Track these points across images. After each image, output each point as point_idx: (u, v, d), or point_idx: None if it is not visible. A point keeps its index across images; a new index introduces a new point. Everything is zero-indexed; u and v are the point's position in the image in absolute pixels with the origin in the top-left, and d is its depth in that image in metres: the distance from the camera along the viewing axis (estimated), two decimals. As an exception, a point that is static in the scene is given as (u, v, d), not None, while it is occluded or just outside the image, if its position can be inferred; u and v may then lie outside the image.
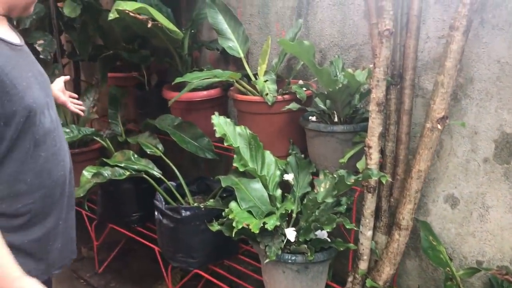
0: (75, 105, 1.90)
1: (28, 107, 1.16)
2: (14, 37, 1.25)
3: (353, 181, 1.57)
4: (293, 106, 1.91)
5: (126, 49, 2.63)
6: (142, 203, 2.50)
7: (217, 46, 2.53)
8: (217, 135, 1.81)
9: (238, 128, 1.87)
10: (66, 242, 1.39)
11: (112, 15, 2.20)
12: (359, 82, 1.72)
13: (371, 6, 1.68)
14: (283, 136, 2.11)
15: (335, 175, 1.69)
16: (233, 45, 2.21)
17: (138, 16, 2.10)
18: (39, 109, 1.21)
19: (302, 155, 2.04)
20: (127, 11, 2.08)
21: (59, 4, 2.80)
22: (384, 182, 1.64)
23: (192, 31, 2.46)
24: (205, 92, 2.36)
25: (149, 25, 2.12)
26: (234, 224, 1.60)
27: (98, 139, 2.45)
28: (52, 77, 2.92)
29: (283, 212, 1.70)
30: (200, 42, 2.60)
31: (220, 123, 1.84)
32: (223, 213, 1.73)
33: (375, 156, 1.65)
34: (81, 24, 2.84)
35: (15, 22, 2.74)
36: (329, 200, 1.69)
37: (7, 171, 1.19)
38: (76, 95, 1.95)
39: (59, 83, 1.84)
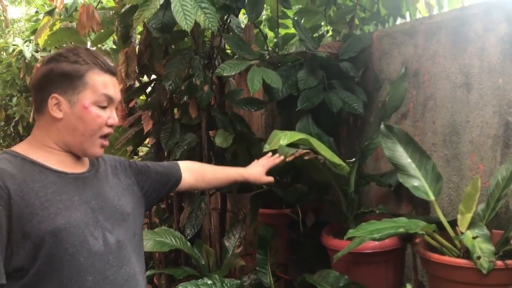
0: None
1: (57, 228, 1.17)
2: (71, 166, 1.28)
3: None
4: (531, 284, 1.27)
5: (280, 183, 2.28)
6: None
7: (389, 181, 2.06)
8: (415, 322, 1.24)
9: (443, 311, 1.29)
10: None
11: (268, 147, 1.91)
12: None
13: None
14: (502, 319, 1.45)
15: None
16: (419, 184, 1.70)
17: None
18: (76, 231, 1.20)
19: None
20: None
21: (210, 133, 2.64)
22: None
23: (360, 164, 2.03)
24: (377, 243, 1.83)
25: (307, 158, 1.75)
26: None
27: (243, 293, 2.02)
28: (198, 210, 2.72)
29: None
30: (367, 176, 2.14)
31: (417, 302, 1.28)
32: None
33: None
34: (232, 154, 2.63)
35: (166, 152, 2.60)
36: None
37: None
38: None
39: (256, 167, 1.90)
